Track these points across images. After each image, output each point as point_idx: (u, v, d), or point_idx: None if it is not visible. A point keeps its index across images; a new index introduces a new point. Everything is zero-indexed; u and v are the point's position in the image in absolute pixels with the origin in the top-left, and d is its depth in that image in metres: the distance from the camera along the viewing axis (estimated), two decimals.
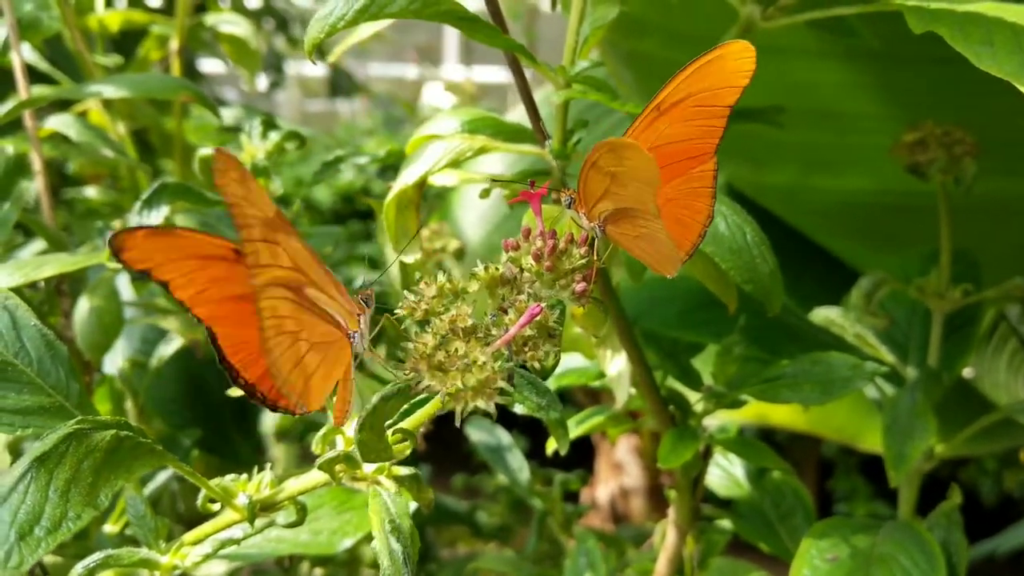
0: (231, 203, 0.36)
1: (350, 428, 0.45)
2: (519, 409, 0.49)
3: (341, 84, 2.70)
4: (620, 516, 1.64)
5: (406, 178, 0.51)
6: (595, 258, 0.41)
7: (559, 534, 0.81)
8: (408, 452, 0.41)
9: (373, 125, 3.53)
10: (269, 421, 1.09)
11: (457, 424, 0.36)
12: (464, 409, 0.36)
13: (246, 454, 0.90)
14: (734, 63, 0.41)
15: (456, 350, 0.37)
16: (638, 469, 1.65)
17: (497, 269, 0.41)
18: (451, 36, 4.80)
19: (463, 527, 1.18)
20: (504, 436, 0.83)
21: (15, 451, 0.63)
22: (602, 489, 1.67)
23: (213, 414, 0.90)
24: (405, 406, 0.42)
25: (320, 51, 0.44)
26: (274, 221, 0.37)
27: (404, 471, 0.44)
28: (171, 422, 0.87)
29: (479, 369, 0.36)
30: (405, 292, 0.40)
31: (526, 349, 0.39)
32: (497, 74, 4.81)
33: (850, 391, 0.52)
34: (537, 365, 0.38)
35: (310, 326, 0.40)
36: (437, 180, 0.53)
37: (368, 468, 0.44)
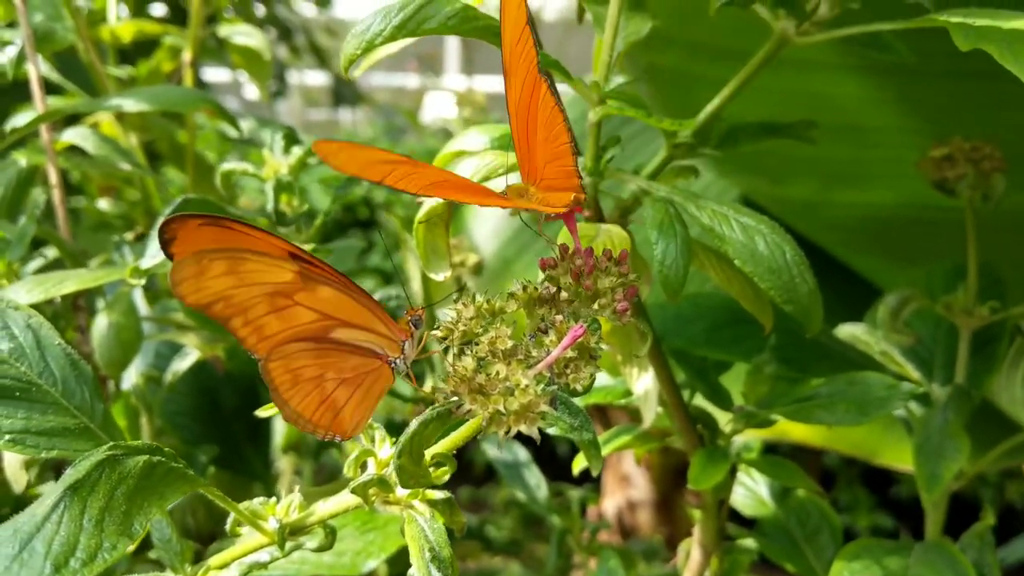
0: (208, 304, 0.36)
1: (382, 451, 0.44)
2: (551, 430, 0.49)
3: (344, 94, 2.69)
4: (627, 530, 1.62)
5: None
6: (635, 275, 0.40)
7: (578, 551, 0.80)
8: (447, 478, 0.40)
9: (375, 134, 3.53)
10: (281, 436, 1.08)
11: (499, 448, 0.36)
12: (507, 433, 0.35)
13: (259, 469, 0.89)
14: None
15: (497, 373, 0.36)
16: (645, 482, 1.63)
17: (535, 288, 0.40)
18: (452, 46, 4.79)
19: (473, 541, 1.17)
20: (521, 452, 0.82)
21: (31, 469, 0.61)
22: (609, 502, 1.65)
23: (226, 429, 0.89)
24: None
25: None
26: (292, 281, 0.37)
27: (438, 495, 0.43)
28: (183, 437, 0.86)
29: (522, 393, 0.35)
30: (441, 313, 0.39)
31: (568, 371, 0.38)
32: (497, 84, 4.81)
33: (886, 412, 0.51)
34: (580, 388, 0.38)
35: (337, 364, 0.40)
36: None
37: (401, 492, 0.43)
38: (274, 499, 0.46)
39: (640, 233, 0.50)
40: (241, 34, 0.93)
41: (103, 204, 0.95)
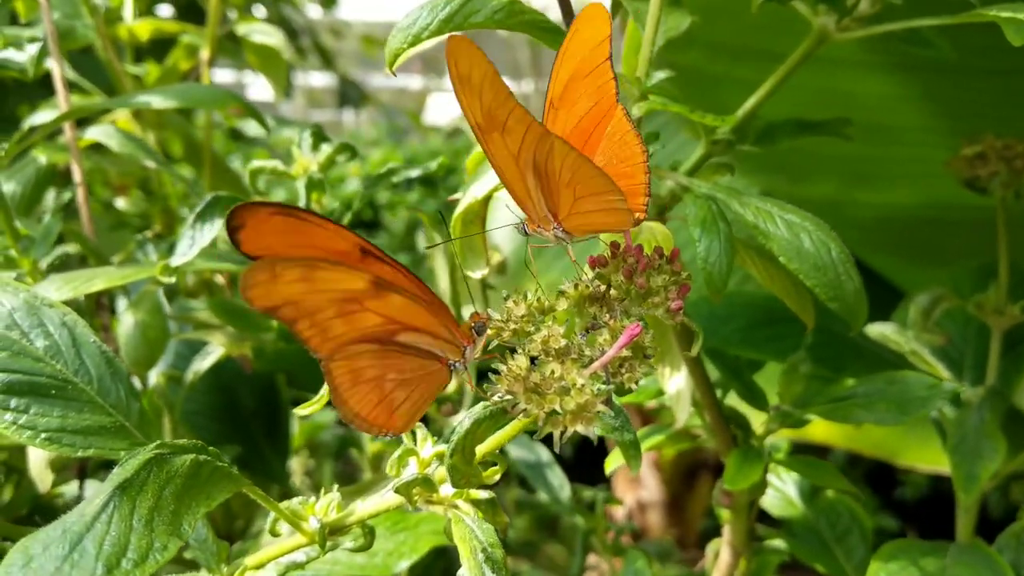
0: (276, 307, 0.35)
1: (424, 449, 0.44)
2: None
3: (349, 95, 2.68)
4: (638, 531, 1.62)
5: (474, 192, 0.49)
6: (687, 274, 0.40)
7: (602, 552, 0.79)
8: (497, 477, 0.39)
9: (378, 135, 3.51)
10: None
11: (556, 449, 0.35)
12: (563, 434, 0.35)
13: (277, 470, 0.88)
14: (589, 26, 0.40)
15: (552, 372, 0.35)
16: (656, 483, 1.63)
17: (587, 287, 0.39)
18: None
19: None
20: (544, 452, 0.81)
21: (58, 469, 0.61)
22: None
23: (244, 429, 0.88)
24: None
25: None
26: (365, 289, 0.36)
27: (482, 495, 0.42)
28: (201, 437, 0.85)
29: (578, 392, 0.35)
30: (490, 312, 0.39)
31: (623, 371, 0.37)
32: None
33: (927, 411, 0.51)
34: (633, 387, 0.37)
35: (398, 366, 0.39)
36: (502, 195, 0.51)
37: (445, 491, 0.42)
38: (313, 499, 0.45)
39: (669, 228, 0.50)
40: (259, 32, 0.92)
41: (120, 203, 0.95)
